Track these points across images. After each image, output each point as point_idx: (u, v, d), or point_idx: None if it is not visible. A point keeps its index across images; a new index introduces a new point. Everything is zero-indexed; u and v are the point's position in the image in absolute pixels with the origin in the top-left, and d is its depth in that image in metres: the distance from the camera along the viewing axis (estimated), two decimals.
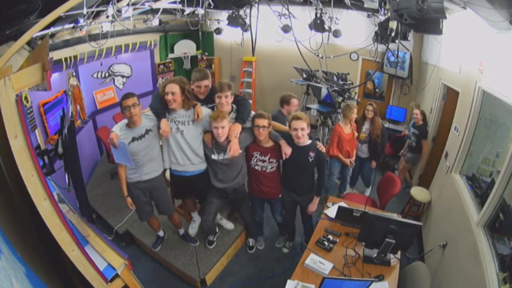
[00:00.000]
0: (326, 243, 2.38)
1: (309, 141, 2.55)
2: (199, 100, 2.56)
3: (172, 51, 6.32)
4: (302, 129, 2.43)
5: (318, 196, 2.76)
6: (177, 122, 2.46)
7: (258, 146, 2.60)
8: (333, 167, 3.65)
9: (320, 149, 2.55)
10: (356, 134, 3.55)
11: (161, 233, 3.06)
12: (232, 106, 2.55)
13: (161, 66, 6.20)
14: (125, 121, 2.40)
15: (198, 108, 2.44)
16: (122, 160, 2.43)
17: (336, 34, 4.49)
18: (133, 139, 2.37)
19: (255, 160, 2.62)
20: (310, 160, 2.54)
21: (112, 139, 2.30)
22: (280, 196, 2.82)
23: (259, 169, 2.64)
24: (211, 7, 3.83)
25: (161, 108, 2.43)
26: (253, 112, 2.63)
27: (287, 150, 2.51)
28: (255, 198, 2.90)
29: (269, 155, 2.59)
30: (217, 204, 2.76)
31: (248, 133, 2.57)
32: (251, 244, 3.27)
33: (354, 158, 3.64)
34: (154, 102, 2.47)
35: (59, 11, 1.80)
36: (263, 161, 2.61)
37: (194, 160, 2.56)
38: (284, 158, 2.55)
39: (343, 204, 2.86)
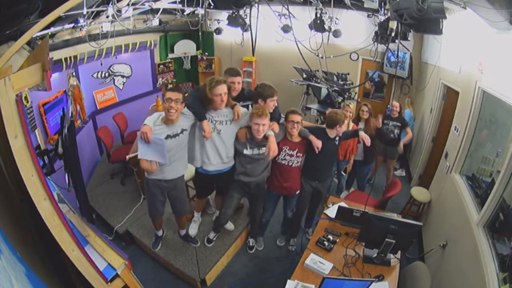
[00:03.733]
0: (326, 243, 2.38)
1: None
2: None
3: (172, 51, 6.31)
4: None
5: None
6: (214, 122, 2.43)
7: (287, 141, 2.67)
8: None
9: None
10: None
11: (159, 233, 3.06)
12: None
13: (161, 66, 6.20)
14: (160, 114, 2.29)
15: (237, 108, 2.43)
16: (155, 157, 2.23)
17: (336, 34, 4.48)
18: (168, 137, 2.27)
19: (284, 155, 2.67)
20: (336, 143, 2.78)
21: (146, 133, 2.13)
22: (297, 192, 2.88)
23: (286, 163, 2.70)
24: (211, 7, 3.83)
25: (200, 109, 2.37)
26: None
27: (318, 144, 2.60)
28: (271, 195, 2.95)
29: (297, 149, 2.67)
30: (238, 199, 2.87)
31: (280, 130, 2.64)
32: (251, 244, 3.27)
33: (351, 163, 3.62)
34: (193, 101, 2.38)
35: (59, 11, 1.80)
36: (291, 155, 2.67)
37: (226, 159, 2.57)
38: (316, 152, 2.62)
39: (343, 204, 2.86)
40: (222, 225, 3.08)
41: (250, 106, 2.69)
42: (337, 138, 2.74)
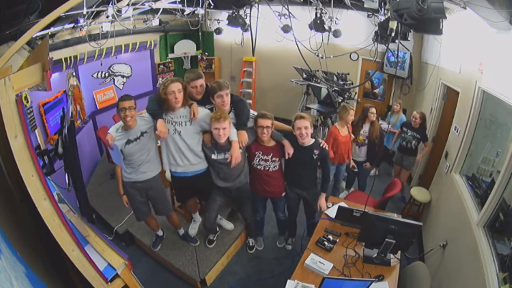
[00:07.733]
0: (326, 243, 2.38)
1: (313, 140, 2.58)
2: (196, 101, 2.54)
3: (172, 51, 6.32)
4: (306, 127, 2.44)
5: (324, 192, 2.79)
6: (174, 123, 2.44)
7: (260, 146, 2.59)
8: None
9: (323, 146, 2.60)
10: (352, 136, 3.44)
11: (160, 233, 3.06)
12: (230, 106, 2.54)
13: (161, 66, 6.20)
14: (121, 123, 2.39)
15: (194, 107, 2.43)
16: (117, 161, 2.50)
17: (336, 34, 4.49)
18: (129, 141, 2.38)
19: (258, 160, 2.61)
20: (315, 157, 2.58)
21: (108, 140, 2.34)
22: (283, 195, 2.83)
23: (262, 169, 2.64)
24: (211, 7, 3.83)
25: (157, 109, 2.41)
26: (252, 112, 2.62)
27: (290, 151, 2.53)
28: (257, 197, 2.90)
29: (271, 154, 2.59)
30: (220, 202, 2.78)
31: (249, 133, 2.54)
32: (251, 244, 3.26)
33: (351, 161, 3.60)
34: (151, 103, 2.46)
35: (59, 11, 1.80)
36: (266, 160, 2.61)
37: (194, 160, 2.55)
38: (287, 158, 2.56)
39: (343, 204, 2.86)
40: (208, 230, 3.01)
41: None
42: (316, 152, 2.56)
